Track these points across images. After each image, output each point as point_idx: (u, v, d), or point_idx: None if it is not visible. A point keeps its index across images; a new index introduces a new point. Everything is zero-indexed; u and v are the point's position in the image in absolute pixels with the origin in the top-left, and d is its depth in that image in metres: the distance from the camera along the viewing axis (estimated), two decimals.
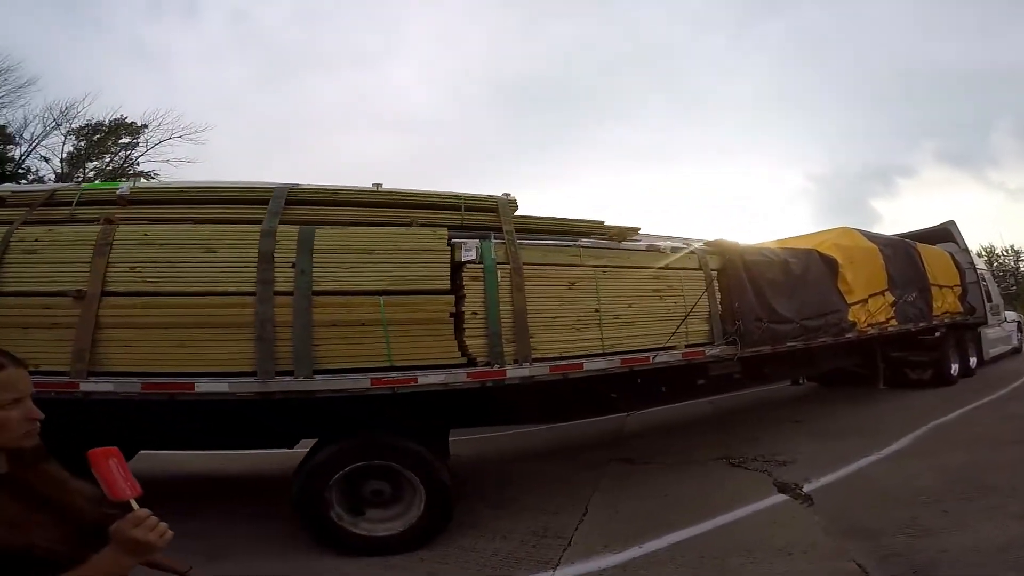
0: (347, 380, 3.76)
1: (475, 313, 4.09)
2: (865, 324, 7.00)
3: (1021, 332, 13.03)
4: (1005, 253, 33.44)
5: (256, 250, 3.79)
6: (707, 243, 5.93)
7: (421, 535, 3.79)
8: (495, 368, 4.04)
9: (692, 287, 5.52)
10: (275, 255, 3.80)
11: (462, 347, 4.01)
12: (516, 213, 5.06)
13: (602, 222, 5.54)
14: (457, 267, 4.18)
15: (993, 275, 13.01)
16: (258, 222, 3.97)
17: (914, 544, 3.23)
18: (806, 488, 4.46)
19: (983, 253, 30.80)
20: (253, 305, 3.70)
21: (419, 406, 4.21)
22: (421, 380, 3.82)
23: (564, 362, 4.60)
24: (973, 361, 9.93)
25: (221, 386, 3.56)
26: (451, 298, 4.03)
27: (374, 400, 3.88)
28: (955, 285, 9.54)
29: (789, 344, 5.99)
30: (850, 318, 6.76)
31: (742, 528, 3.79)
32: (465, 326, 4.04)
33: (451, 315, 3.99)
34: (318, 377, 3.70)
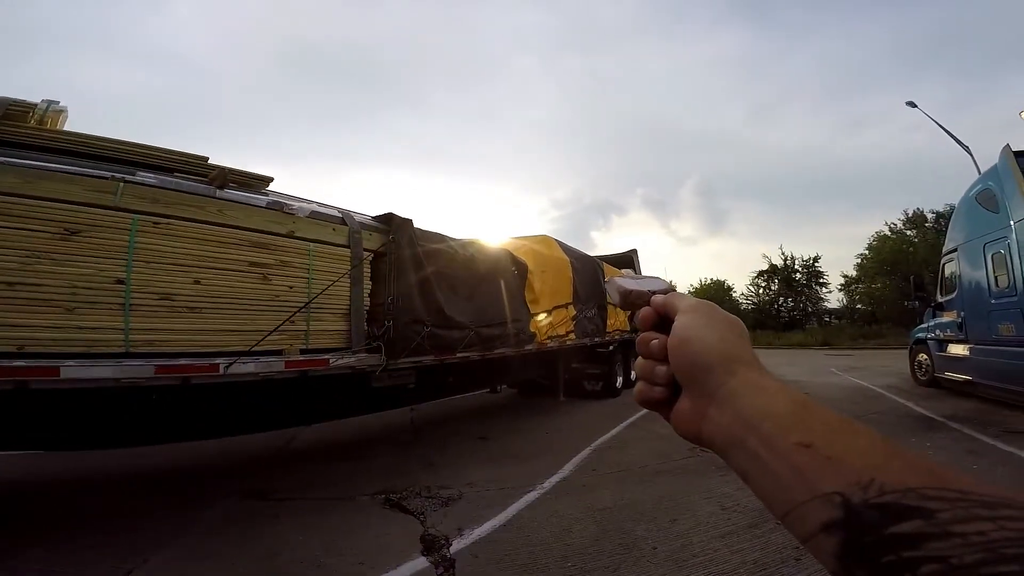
0: None
1: None
2: (546, 336, 6.38)
3: None
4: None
5: None
6: (375, 218, 4.30)
7: None
8: None
9: (329, 270, 3.75)
10: None
11: None
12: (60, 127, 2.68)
13: (205, 159, 3.42)
14: None
15: None
16: None
17: None
18: (454, 546, 3.38)
19: None
20: None
21: None
22: None
23: (14, 363, 2.32)
24: (634, 374, 10.81)
25: None
26: None
27: None
28: None
29: (461, 354, 4.76)
30: (531, 328, 6.00)
31: None
32: None
33: None
34: None
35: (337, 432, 6.31)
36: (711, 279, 40.28)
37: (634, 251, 12.29)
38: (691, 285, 40.76)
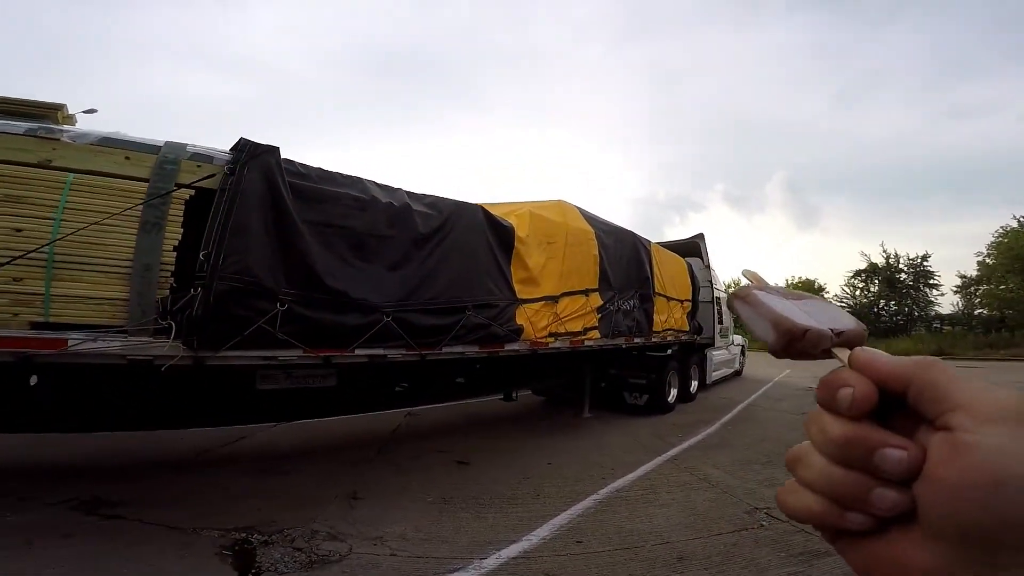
0: None
1: None
2: (544, 332, 4.50)
3: (744, 356, 12.71)
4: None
5: None
6: (231, 150, 2.76)
7: None
8: None
9: (106, 210, 2.26)
10: None
11: None
12: None
13: None
14: None
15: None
16: None
17: None
18: None
19: (732, 285, 34.30)
20: None
21: None
22: None
23: None
24: (694, 386, 8.53)
25: None
26: None
27: None
28: (685, 300, 7.96)
29: (366, 351, 3.07)
30: (517, 320, 4.17)
31: None
32: None
33: None
34: None
35: (298, 435, 4.97)
36: (800, 278, 35.43)
37: (700, 236, 9.89)
38: (775, 284, 36.22)
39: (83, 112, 12.98)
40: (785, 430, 6.55)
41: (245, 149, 2.58)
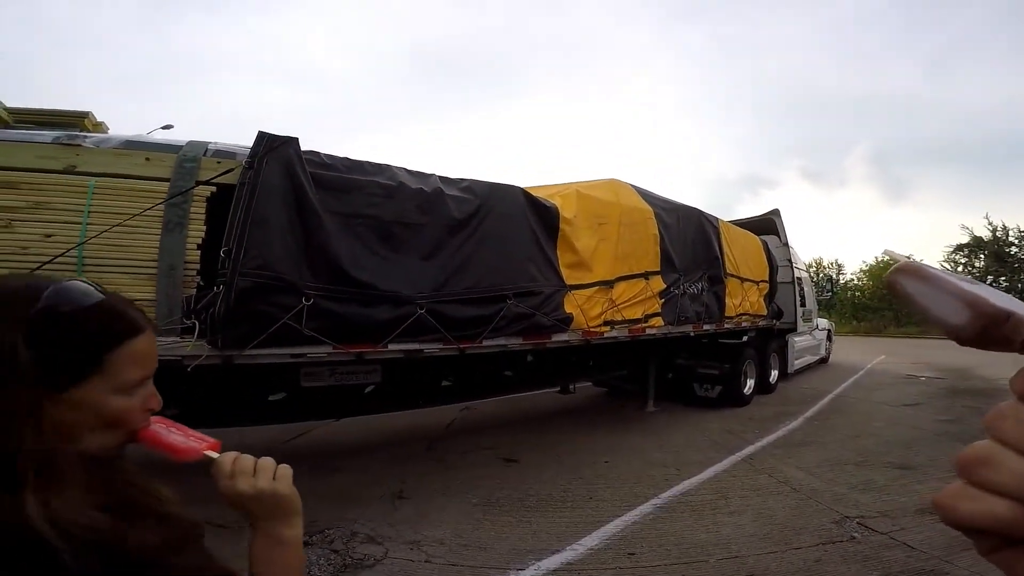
0: None
1: None
2: (599, 320, 4.19)
3: (830, 341, 11.51)
4: (830, 266, 34.61)
5: None
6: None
7: None
8: None
9: (129, 211, 2.28)
10: None
11: None
12: None
13: None
14: None
15: (812, 279, 11.27)
16: None
17: None
18: None
19: (813, 265, 31.49)
20: None
21: None
22: None
23: None
24: (774, 375, 7.79)
25: None
26: None
27: None
28: (761, 281, 7.25)
29: (400, 347, 2.94)
30: (566, 308, 3.89)
31: None
32: None
33: None
34: None
35: (354, 431, 5.02)
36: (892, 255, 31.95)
37: (776, 212, 9.01)
38: (863, 262, 32.78)
39: (161, 128, 14.13)
40: (883, 424, 5.79)
41: (263, 142, 2.52)
